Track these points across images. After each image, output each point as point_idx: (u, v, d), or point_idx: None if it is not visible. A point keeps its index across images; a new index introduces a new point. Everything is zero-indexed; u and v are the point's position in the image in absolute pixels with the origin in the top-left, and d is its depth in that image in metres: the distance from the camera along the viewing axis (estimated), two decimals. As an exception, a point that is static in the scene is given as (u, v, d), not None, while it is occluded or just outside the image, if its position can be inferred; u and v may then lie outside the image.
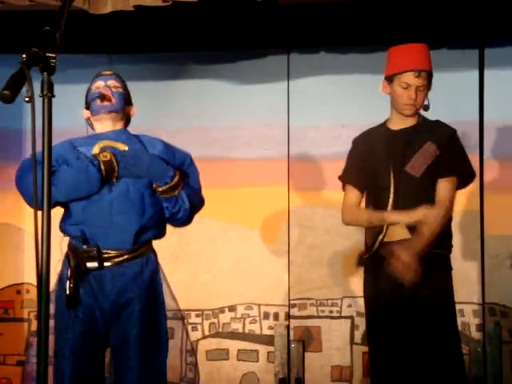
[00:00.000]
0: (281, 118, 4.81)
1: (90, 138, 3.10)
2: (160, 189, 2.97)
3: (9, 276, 4.89)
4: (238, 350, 4.79)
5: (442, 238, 3.39)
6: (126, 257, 2.92)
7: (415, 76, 3.40)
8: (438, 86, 4.61)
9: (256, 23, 4.70)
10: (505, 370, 4.51)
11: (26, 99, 1.78)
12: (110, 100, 3.03)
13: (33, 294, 4.81)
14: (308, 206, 4.79)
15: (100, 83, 3.09)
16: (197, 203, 3.11)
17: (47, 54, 1.82)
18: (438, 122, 3.54)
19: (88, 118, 3.16)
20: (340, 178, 3.69)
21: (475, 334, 4.56)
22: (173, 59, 4.93)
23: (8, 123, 4.90)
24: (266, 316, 4.77)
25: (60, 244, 3.01)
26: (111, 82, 3.08)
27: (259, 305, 4.78)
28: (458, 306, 4.53)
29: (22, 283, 4.89)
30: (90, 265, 2.86)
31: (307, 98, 4.78)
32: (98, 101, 3.02)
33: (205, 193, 3.46)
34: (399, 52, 3.50)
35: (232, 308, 4.80)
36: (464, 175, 3.49)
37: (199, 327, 4.82)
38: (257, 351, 4.78)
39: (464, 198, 4.60)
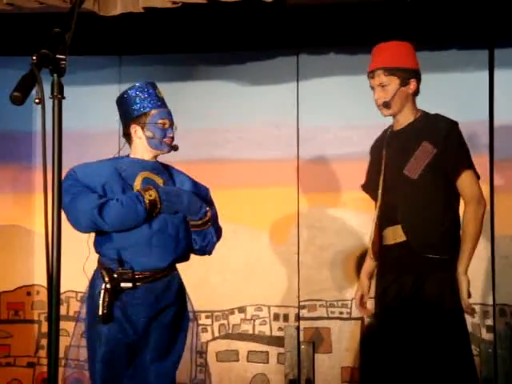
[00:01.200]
0: (290, 119, 4.81)
1: (132, 165, 3.22)
2: (194, 223, 3.23)
3: (19, 278, 4.91)
4: (248, 351, 4.79)
5: (447, 243, 3.32)
6: (156, 276, 3.16)
7: (371, 77, 3.42)
8: (448, 86, 4.63)
9: (265, 24, 4.70)
10: (516, 371, 4.50)
11: (36, 101, 1.78)
12: (171, 144, 3.25)
13: (43, 296, 4.83)
14: (318, 207, 4.78)
15: (166, 120, 3.22)
16: (220, 236, 3.35)
17: (57, 56, 1.82)
18: (436, 116, 3.44)
19: (129, 134, 3.24)
20: (361, 187, 3.69)
21: (486, 335, 4.54)
22: (182, 61, 4.94)
23: (18, 125, 4.91)
24: (276, 317, 4.77)
25: (84, 265, 3.23)
26: (173, 123, 3.26)
27: (269, 306, 4.77)
28: (468, 307, 4.53)
29: (33, 285, 4.90)
30: (124, 285, 3.09)
31: (317, 99, 4.77)
32: (165, 141, 3.21)
33: (214, 194, 3.49)
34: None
35: (242, 309, 4.80)
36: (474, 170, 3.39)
37: (209, 328, 4.82)
38: (267, 352, 4.77)
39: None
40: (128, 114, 3.22)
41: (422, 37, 4.62)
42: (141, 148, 3.23)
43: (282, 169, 4.80)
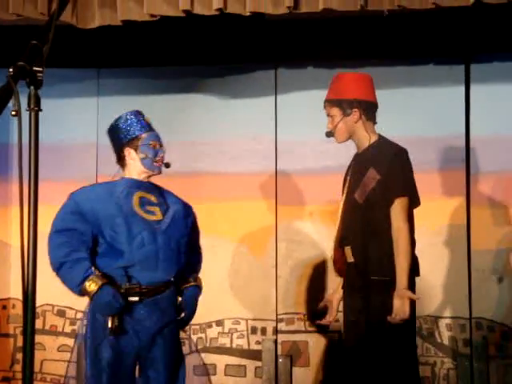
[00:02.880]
0: (268, 133, 4.82)
1: (128, 185, 3.40)
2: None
3: (-5, 291, 4.87)
4: (226, 364, 4.77)
5: (387, 266, 3.40)
6: (160, 289, 3.34)
7: (324, 108, 3.64)
8: (425, 100, 4.67)
9: (243, 38, 4.72)
10: (492, 384, 4.52)
11: (13, 113, 1.77)
12: (161, 165, 3.43)
13: (19, 310, 4.79)
14: (295, 221, 4.79)
15: (156, 142, 3.43)
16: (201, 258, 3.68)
17: (34, 68, 1.82)
18: (387, 143, 3.56)
19: (123, 157, 3.43)
20: None
21: (462, 349, 4.56)
22: (160, 74, 4.94)
23: (-6, 137, 4.88)
24: (254, 331, 4.76)
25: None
26: (162, 145, 3.45)
27: (247, 319, 4.77)
28: (445, 321, 4.58)
29: (8, 298, 4.86)
30: (131, 299, 3.27)
31: (294, 113, 4.79)
32: (157, 163, 3.40)
33: (193, 207, 3.53)
34: None
35: (219, 322, 4.79)
36: (410, 196, 3.49)
37: (186, 342, 4.80)
38: (244, 366, 4.76)
39: (450, 213, 4.62)
40: (121, 140, 3.43)
41: (399, 52, 4.67)
42: (135, 169, 3.42)
43: (260, 182, 4.81)
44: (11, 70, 1.79)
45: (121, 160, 3.43)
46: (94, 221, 3.28)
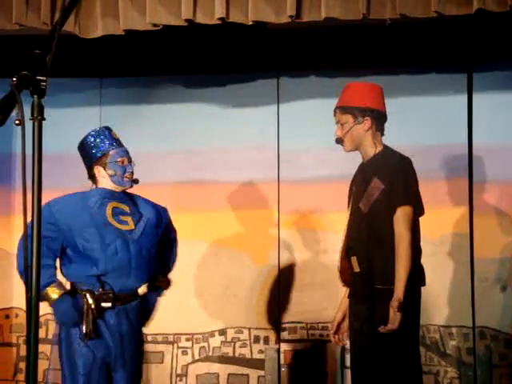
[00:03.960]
0: (271, 142, 4.82)
1: (101, 196, 3.48)
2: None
3: (-3, 300, 4.86)
4: (229, 374, 4.76)
5: (392, 274, 3.39)
6: (130, 298, 3.44)
7: (334, 115, 3.63)
8: (428, 109, 4.67)
9: (246, 47, 4.72)
10: (496, 393, 4.51)
11: (17, 122, 1.77)
12: (132, 179, 3.52)
13: (22, 319, 4.79)
14: (298, 229, 4.79)
15: (124, 158, 3.50)
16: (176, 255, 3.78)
17: (37, 77, 1.82)
18: (391, 153, 3.56)
19: (94, 175, 3.53)
20: None
21: (466, 358, 4.55)
22: (163, 83, 4.95)
23: (-2, 147, 4.89)
24: (257, 340, 4.75)
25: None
26: (130, 159, 3.52)
27: (249, 328, 4.76)
28: (448, 330, 4.56)
29: (11, 307, 4.85)
30: (104, 305, 3.36)
31: (297, 122, 4.79)
32: (127, 179, 3.49)
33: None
34: None
35: (222, 332, 4.78)
36: (413, 205, 3.48)
37: (189, 351, 4.80)
38: (247, 375, 4.75)
39: (453, 222, 4.61)
40: (90, 158, 3.52)
41: (402, 60, 4.67)
42: (107, 185, 3.51)
43: (263, 191, 4.81)
44: (15, 79, 1.80)
45: (92, 177, 3.54)
46: (66, 230, 3.38)
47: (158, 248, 3.55)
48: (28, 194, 1.83)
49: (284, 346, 4.72)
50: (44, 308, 3.26)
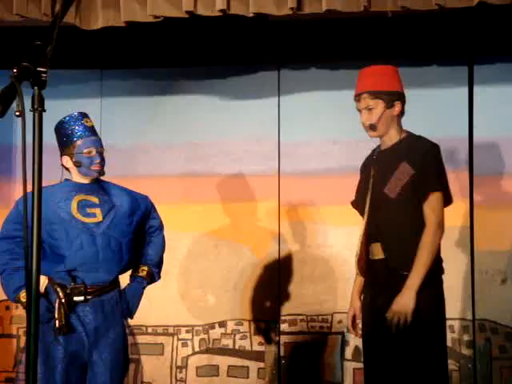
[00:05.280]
0: (271, 134, 4.82)
1: (66, 189, 3.43)
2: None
3: (-2, 292, 4.87)
4: (229, 366, 4.77)
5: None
6: (104, 290, 3.40)
7: (357, 101, 3.51)
8: (428, 103, 4.66)
9: (247, 39, 4.72)
10: (495, 386, 4.51)
11: (17, 113, 1.77)
12: (101, 169, 3.43)
13: (22, 310, 4.78)
14: (298, 222, 4.79)
15: (92, 148, 3.41)
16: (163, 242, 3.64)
17: (38, 69, 1.82)
18: (418, 138, 3.52)
19: (64, 166, 3.48)
20: (351, 203, 3.71)
21: (465, 351, 4.55)
22: (164, 74, 4.94)
23: (-2, 138, 4.89)
24: (257, 332, 4.76)
25: None
26: (100, 149, 3.44)
27: (250, 320, 4.77)
28: (448, 322, 4.54)
29: (12, 299, 4.85)
30: (76, 298, 3.35)
31: (298, 114, 4.79)
32: (93, 168, 3.40)
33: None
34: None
35: (222, 324, 4.79)
36: (444, 192, 3.44)
37: (189, 343, 4.80)
38: (247, 367, 4.76)
39: (454, 215, 4.61)
40: (60, 146, 3.46)
41: (402, 53, 4.66)
42: (75, 175, 3.46)
43: (264, 183, 4.81)
44: (15, 70, 1.79)
45: (62, 166, 3.48)
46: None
47: (133, 237, 3.46)
48: (28, 185, 1.83)
49: (284, 339, 4.73)
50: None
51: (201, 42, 4.76)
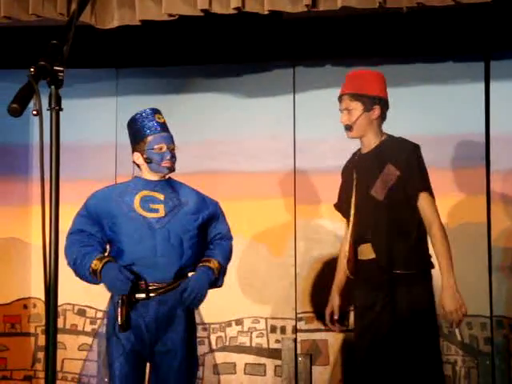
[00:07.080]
0: (287, 131, 4.82)
1: (135, 185, 3.46)
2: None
3: (16, 290, 4.89)
4: (245, 363, 4.78)
5: (413, 259, 3.44)
6: (167, 288, 3.36)
7: (339, 101, 3.60)
8: (444, 98, 4.65)
9: (262, 37, 4.71)
10: (513, 383, 4.49)
11: (34, 113, 1.78)
12: (172, 166, 3.43)
13: (40, 309, 4.82)
14: (315, 219, 4.78)
15: (163, 145, 3.41)
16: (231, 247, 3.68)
17: (55, 68, 1.82)
18: (398, 139, 3.58)
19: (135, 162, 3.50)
20: (334, 206, 3.80)
21: (483, 347, 4.53)
22: (179, 73, 4.95)
23: (15, 137, 4.91)
24: (273, 329, 4.76)
25: None
26: (171, 145, 3.42)
27: (266, 318, 4.77)
28: (466, 319, 4.53)
29: (29, 297, 4.88)
30: (138, 296, 3.32)
31: (313, 111, 4.78)
32: (163, 164, 3.40)
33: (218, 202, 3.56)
34: None
35: (239, 321, 4.79)
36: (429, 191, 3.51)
37: (206, 341, 4.81)
38: (264, 365, 4.76)
39: (471, 211, 4.59)
40: (131, 142, 3.47)
41: (418, 49, 4.65)
42: (145, 171, 3.46)
43: (279, 180, 4.80)
44: (32, 69, 1.80)
45: (134, 163, 3.50)
46: (98, 222, 3.38)
47: (196, 234, 3.42)
48: (46, 184, 1.84)
49: (301, 336, 4.72)
50: (61, 298, 3.28)
51: (216, 39, 4.76)
